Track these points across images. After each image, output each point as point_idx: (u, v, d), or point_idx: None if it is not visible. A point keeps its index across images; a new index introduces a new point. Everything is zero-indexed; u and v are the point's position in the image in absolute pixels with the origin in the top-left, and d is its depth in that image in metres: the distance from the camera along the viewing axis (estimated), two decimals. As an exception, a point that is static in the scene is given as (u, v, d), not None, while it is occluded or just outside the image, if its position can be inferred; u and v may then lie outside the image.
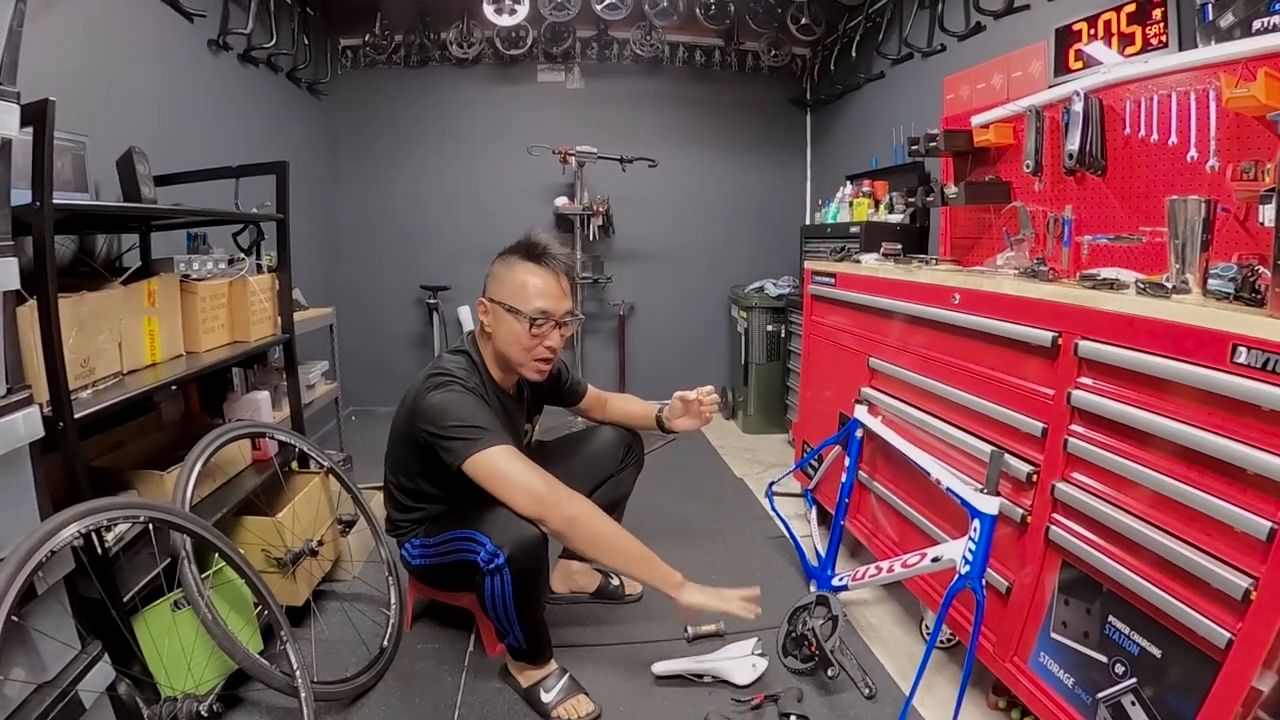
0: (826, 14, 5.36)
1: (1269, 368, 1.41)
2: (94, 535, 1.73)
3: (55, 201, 1.76)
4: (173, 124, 3.45)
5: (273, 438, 2.74)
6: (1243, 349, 1.46)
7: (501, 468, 2.05)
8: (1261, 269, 1.64)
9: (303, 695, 2.01)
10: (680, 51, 5.95)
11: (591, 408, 2.89)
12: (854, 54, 5.26)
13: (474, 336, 2.48)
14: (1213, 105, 2.24)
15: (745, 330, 5.43)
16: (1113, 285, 1.94)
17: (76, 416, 1.80)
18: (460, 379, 2.24)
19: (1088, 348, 1.85)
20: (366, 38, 5.62)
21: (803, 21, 5.35)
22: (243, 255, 3.09)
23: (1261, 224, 1.95)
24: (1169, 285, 1.83)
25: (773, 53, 5.88)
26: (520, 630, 2.20)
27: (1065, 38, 2.92)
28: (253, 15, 4.12)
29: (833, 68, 5.66)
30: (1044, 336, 1.98)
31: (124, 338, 2.22)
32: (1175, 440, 1.62)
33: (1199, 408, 1.59)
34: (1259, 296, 1.61)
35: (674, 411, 2.77)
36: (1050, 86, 2.92)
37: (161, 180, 2.68)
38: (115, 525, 1.85)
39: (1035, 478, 2.03)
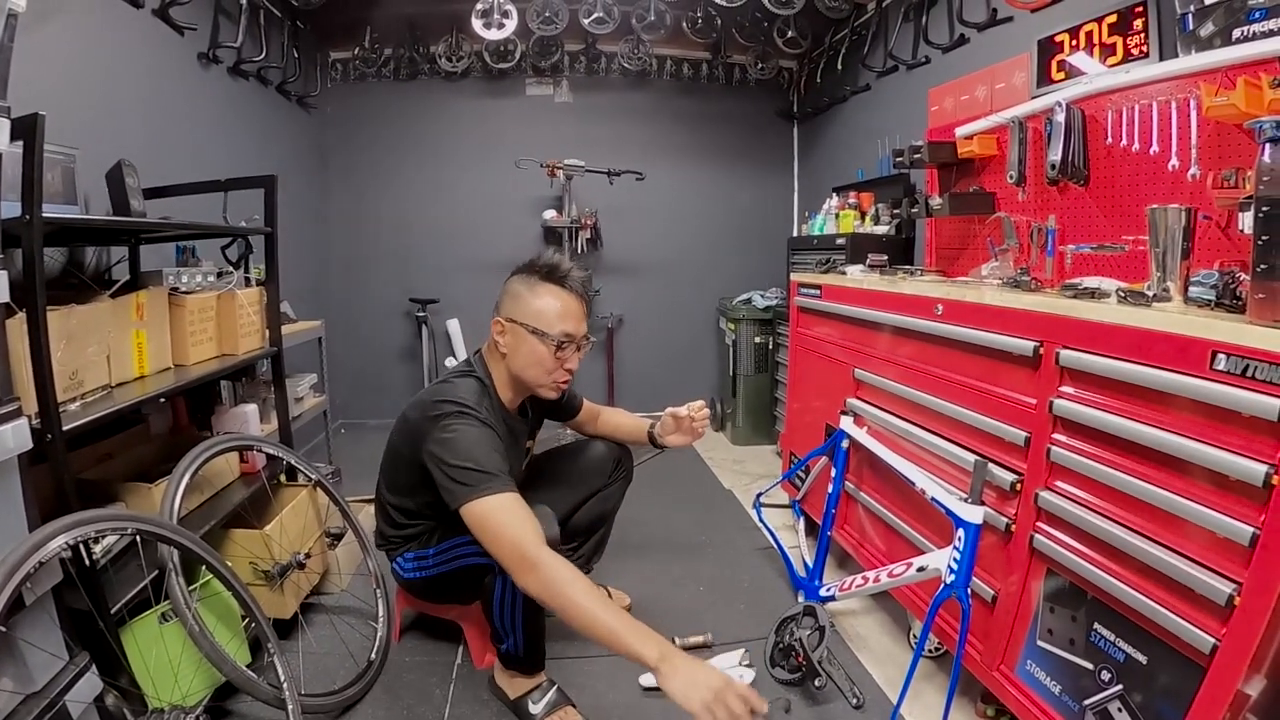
0: (813, 27, 5.38)
1: (1249, 374, 1.43)
2: (82, 547, 1.73)
3: (45, 215, 1.77)
4: (162, 137, 3.46)
5: (260, 450, 2.74)
6: (1222, 356, 1.48)
7: (496, 519, 1.93)
8: (1243, 275, 1.66)
9: (290, 708, 2.01)
10: (668, 65, 5.99)
11: (585, 421, 2.88)
12: (840, 67, 5.30)
13: (481, 356, 2.42)
14: (1193, 114, 2.26)
15: (733, 342, 5.45)
16: (1094, 294, 1.96)
17: (65, 429, 1.80)
18: (472, 408, 2.16)
19: (1069, 356, 1.87)
20: (356, 51, 5.64)
21: (789, 35, 5.38)
22: (231, 268, 3.09)
23: (1242, 231, 1.96)
24: (1150, 293, 1.85)
25: (760, 66, 5.93)
26: (522, 635, 2.18)
27: (1048, 49, 2.94)
28: (243, 29, 4.13)
29: (819, 80, 5.70)
30: (1025, 346, 2.00)
31: (112, 350, 2.22)
32: (1157, 447, 1.64)
33: (1180, 415, 1.60)
34: (1240, 303, 1.63)
35: (666, 428, 2.75)
36: (1033, 98, 2.95)
37: (151, 193, 2.68)
38: (103, 537, 1.85)
39: (1019, 486, 2.05)
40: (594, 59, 5.89)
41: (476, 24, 4.96)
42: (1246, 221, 1.88)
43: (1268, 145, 1.51)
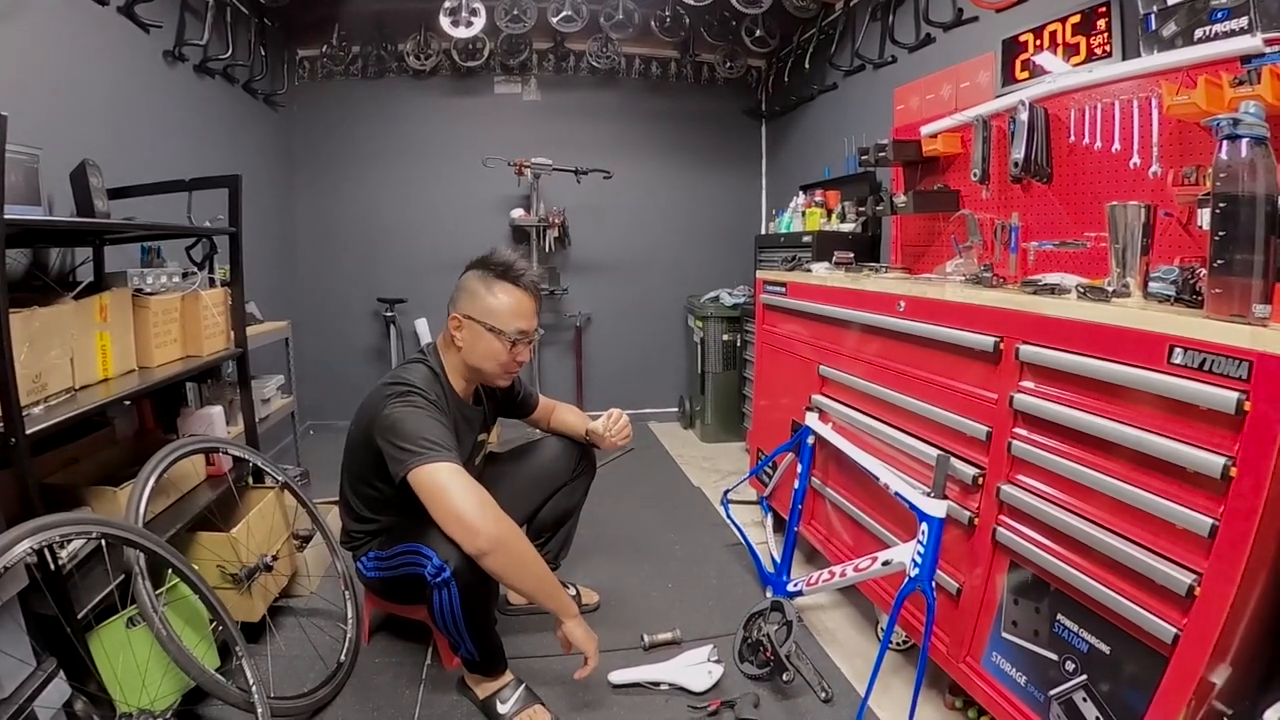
0: (781, 26, 5.40)
1: (1206, 368, 1.45)
2: (47, 551, 1.71)
3: (7, 216, 1.75)
4: (127, 136, 3.41)
5: (227, 453, 2.72)
6: (1179, 350, 1.51)
7: (441, 483, 2.02)
8: (1202, 271, 1.69)
9: (259, 711, 1.99)
10: (636, 63, 5.99)
11: (540, 418, 2.91)
12: (807, 66, 5.32)
13: (434, 346, 2.50)
14: (1155, 112, 2.30)
15: (701, 340, 5.47)
16: (1054, 290, 1.99)
17: (29, 433, 1.78)
18: (421, 389, 2.25)
19: (1028, 352, 1.89)
20: (324, 49, 5.59)
21: (757, 34, 5.40)
22: (196, 269, 3.07)
23: (1201, 227, 2.00)
24: (1109, 289, 1.88)
25: (728, 65, 5.94)
26: (471, 642, 2.20)
27: (1012, 48, 2.98)
28: (209, 26, 4.08)
29: (787, 79, 5.73)
30: (986, 342, 2.03)
31: (76, 353, 2.19)
32: (1116, 441, 1.67)
33: (1139, 408, 1.63)
34: (1199, 298, 1.66)
35: (595, 438, 2.79)
36: (997, 96, 2.98)
37: (115, 193, 2.64)
38: (69, 541, 1.83)
39: (981, 480, 2.08)
40: (562, 57, 5.88)
41: (444, 22, 4.94)
42: (1206, 218, 1.91)
43: (1224, 142, 1.54)
